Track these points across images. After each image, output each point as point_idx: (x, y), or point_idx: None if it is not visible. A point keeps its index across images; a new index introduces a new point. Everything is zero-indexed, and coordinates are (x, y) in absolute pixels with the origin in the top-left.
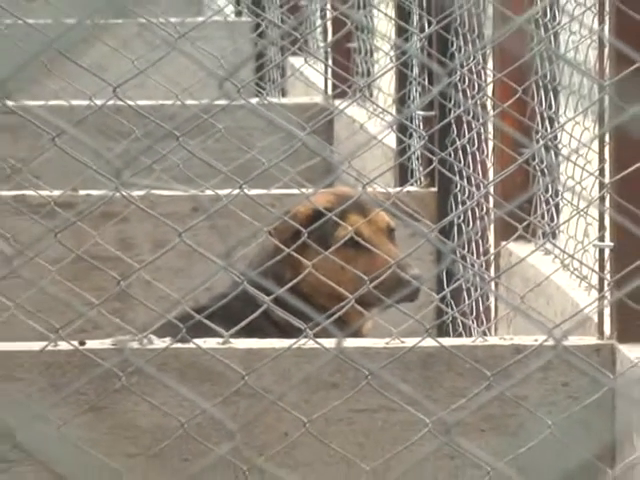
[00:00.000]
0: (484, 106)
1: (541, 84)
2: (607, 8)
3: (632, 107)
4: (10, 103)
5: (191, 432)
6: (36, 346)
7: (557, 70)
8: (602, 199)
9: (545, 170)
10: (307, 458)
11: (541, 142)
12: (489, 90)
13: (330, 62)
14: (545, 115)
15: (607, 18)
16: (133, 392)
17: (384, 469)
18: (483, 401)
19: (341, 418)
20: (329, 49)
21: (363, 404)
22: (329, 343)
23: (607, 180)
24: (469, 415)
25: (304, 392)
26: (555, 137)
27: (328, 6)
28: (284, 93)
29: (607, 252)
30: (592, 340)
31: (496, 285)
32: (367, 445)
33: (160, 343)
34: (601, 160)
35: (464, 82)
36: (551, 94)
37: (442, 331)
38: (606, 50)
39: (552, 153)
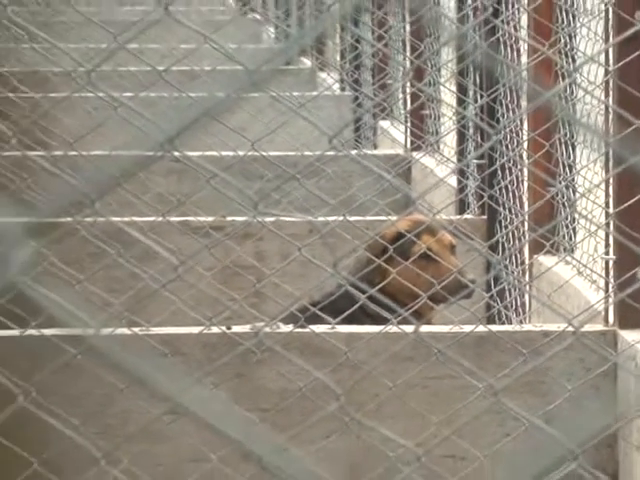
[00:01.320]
0: (521, 156)
1: (563, 140)
2: (611, 85)
3: (632, 158)
4: (177, 154)
5: (307, 394)
6: (195, 330)
7: (574, 130)
8: (607, 224)
9: (566, 203)
10: (392, 413)
11: (563, 183)
12: (525, 145)
13: (409, 124)
14: (566, 163)
15: (611, 92)
16: (265, 364)
17: (448, 421)
18: (520, 372)
19: (417, 383)
20: (408, 115)
21: (433, 373)
22: (408, 329)
23: (611, 210)
24: (511, 382)
25: (390, 364)
26: (573, 179)
27: (408, 84)
28: (375, 147)
29: (611, 263)
30: (600, 327)
31: (530, 287)
32: (436, 403)
33: (285, 328)
34: (607, 196)
35: (507, 139)
36: (570, 148)
37: (490, 320)
38: (610, 115)
39: (571, 191)
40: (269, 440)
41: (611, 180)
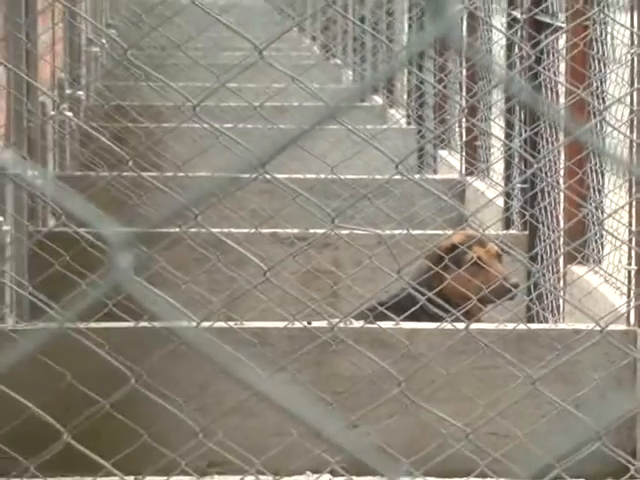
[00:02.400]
0: (558, 182)
1: (594, 169)
2: (635, 122)
3: None
4: (268, 176)
5: (374, 380)
6: (281, 324)
7: (603, 160)
8: (630, 240)
9: (595, 222)
10: (445, 397)
11: (593, 205)
12: (561, 172)
13: (464, 153)
14: (596, 188)
15: (635, 128)
16: (339, 354)
17: (492, 404)
18: (555, 364)
19: (467, 372)
20: (463, 145)
21: (481, 364)
22: (460, 326)
23: (633, 228)
24: (546, 372)
25: (445, 356)
26: (601, 201)
27: (463, 119)
28: (435, 172)
29: (633, 272)
30: (622, 327)
31: (563, 292)
32: (482, 389)
33: (356, 324)
34: (630, 216)
35: (546, 167)
36: (600, 175)
37: (529, 320)
38: (634, 148)
39: (600, 211)
40: (340, 420)
41: (634, 203)
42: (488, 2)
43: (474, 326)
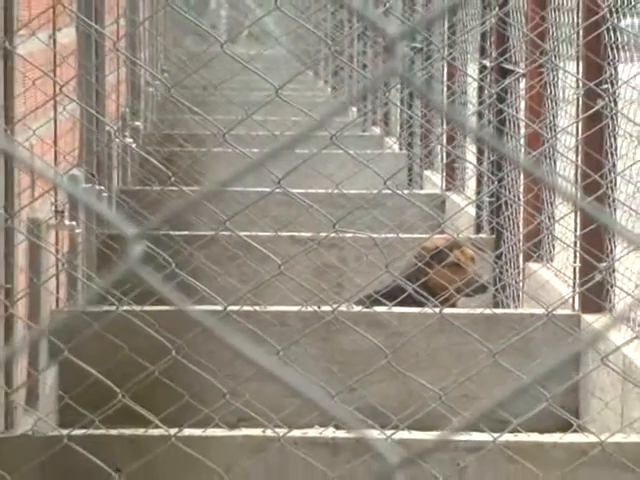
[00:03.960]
0: (518, 197)
1: (546, 187)
2: (580, 150)
3: (588, 199)
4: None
5: (369, 353)
6: (296, 308)
7: (552, 182)
8: (575, 243)
9: (548, 228)
10: (426, 366)
11: (545, 215)
12: (520, 189)
13: (444, 173)
14: (548, 201)
15: (580, 154)
16: (342, 332)
17: (464, 372)
18: (513, 341)
19: (444, 347)
20: (444, 167)
21: (455, 341)
22: (441, 311)
23: (578, 233)
24: (506, 347)
25: (427, 334)
26: (553, 212)
27: (444, 146)
28: (421, 188)
29: (577, 268)
30: (568, 311)
31: (522, 284)
32: (456, 361)
33: (356, 309)
34: (575, 223)
35: (510, 184)
36: (551, 192)
37: (495, 306)
38: (579, 169)
39: (551, 220)
40: (341, 384)
41: (578, 213)
42: (464, 53)
43: (450, 311)
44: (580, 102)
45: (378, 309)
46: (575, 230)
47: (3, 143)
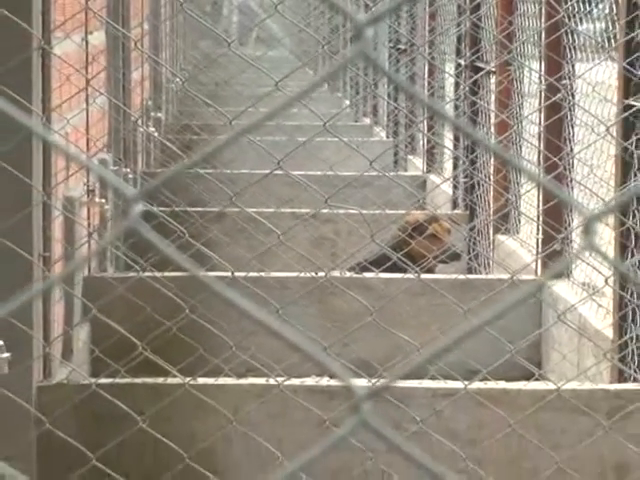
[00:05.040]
0: (489, 177)
1: (512, 170)
2: (542, 136)
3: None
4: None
5: (359, 312)
6: (295, 274)
7: (516, 165)
8: (538, 217)
9: (514, 204)
10: (409, 324)
11: (513, 192)
12: (491, 170)
13: (425, 157)
14: (514, 181)
15: (542, 140)
16: (335, 295)
17: (441, 329)
18: (484, 302)
19: (424, 308)
20: (425, 152)
21: (434, 302)
22: (420, 276)
23: (540, 208)
24: (477, 306)
25: (409, 296)
26: (519, 190)
27: (425, 134)
28: (405, 170)
29: (540, 240)
30: (532, 277)
31: (492, 253)
32: (434, 319)
33: (348, 274)
34: (538, 200)
35: (482, 167)
36: (517, 173)
37: (469, 271)
38: (541, 154)
39: (517, 196)
40: (335, 339)
41: (540, 190)
42: (442, 53)
43: (430, 276)
44: (542, 95)
45: (367, 275)
46: (538, 206)
47: (41, 130)
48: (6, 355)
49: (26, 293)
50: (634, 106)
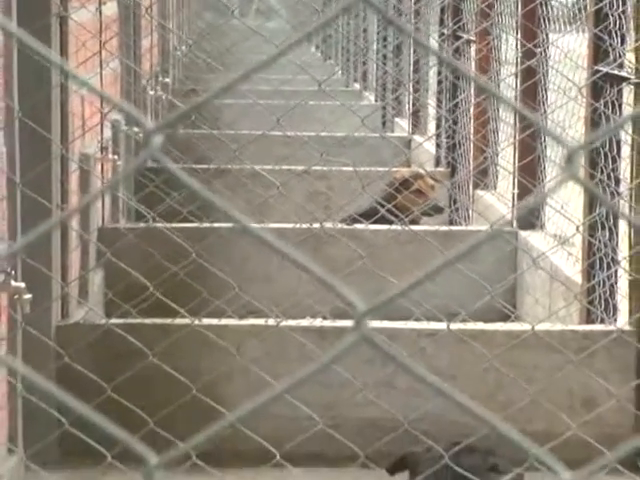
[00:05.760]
0: (469, 137)
1: (492, 129)
2: (518, 98)
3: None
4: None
5: (351, 258)
6: (291, 225)
7: (498, 123)
8: (513, 172)
9: (491, 162)
10: (396, 269)
11: (491, 150)
12: (472, 130)
13: (410, 119)
14: (493, 140)
15: (518, 101)
16: (328, 243)
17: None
18: (463, 250)
19: (410, 254)
20: (411, 114)
21: (419, 250)
22: (406, 227)
23: (516, 164)
24: (460, 255)
25: (396, 244)
26: (496, 147)
27: (411, 97)
28: (392, 131)
29: (516, 194)
30: (509, 228)
31: (472, 206)
32: (418, 264)
33: (340, 226)
34: (514, 156)
35: (463, 127)
36: (496, 132)
37: (450, 223)
38: (517, 114)
39: (495, 154)
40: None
41: (517, 146)
42: (427, 24)
43: (415, 227)
44: (518, 62)
45: (358, 226)
46: (514, 163)
47: (76, 80)
48: (28, 296)
49: (45, 223)
50: (602, 71)
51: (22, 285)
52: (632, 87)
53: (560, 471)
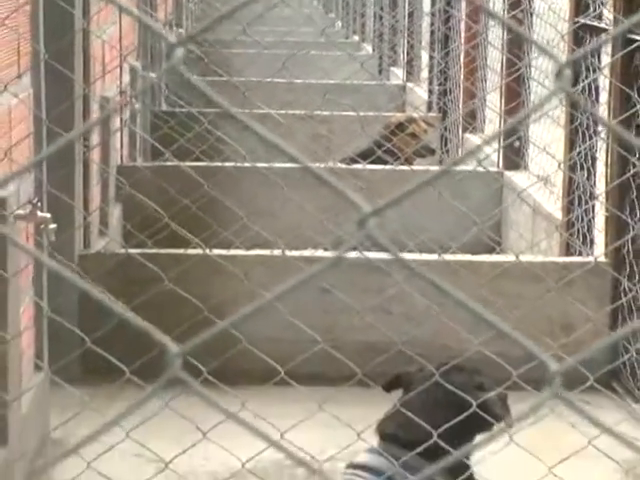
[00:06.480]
0: (459, 84)
1: (480, 77)
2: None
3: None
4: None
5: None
6: (291, 165)
7: (487, 68)
8: (500, 115)
9: (480, 106)
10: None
11: (480, 97)
12: (461, 77)
13: (405, 69)
14: (482, 87)
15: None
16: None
17: (418, 205)
18: (451, 183)
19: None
20: (405, 63)
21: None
22: (401, 167)
23: (502, 108)
24: (451, 191)
25: (392, 182)
26: (484, 92)
27: (406, 47)
28: (388, 79)
29: (501, 137)
30: (494, 169)
31: (462, 148)
32: (414, 199)
33: (341, 166)
34: (500, 102)
35: (454, 75)
36: (484, 81)
37: (441, 163)
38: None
39: (483, 99)
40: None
41: (504, 89)
42: None
43: (410, 167)
44: (505, 12)
45: (356, 166)
46: (500, 108)
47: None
48: (53, 226)
49: (65, 137)
50: (582, 22)
51: (48, 215)
52: (610, 37)
53: (549, 364)
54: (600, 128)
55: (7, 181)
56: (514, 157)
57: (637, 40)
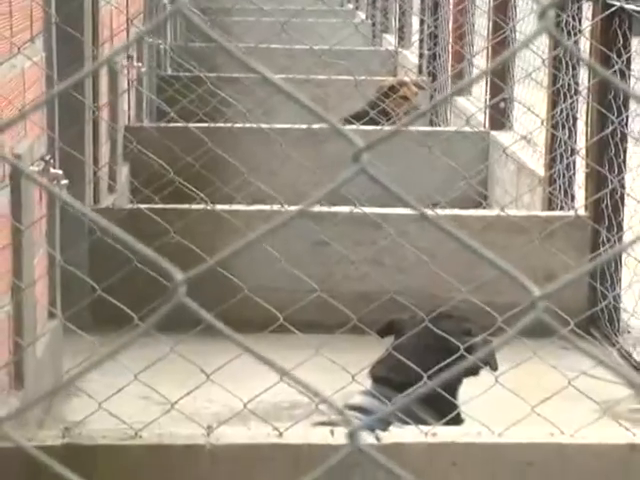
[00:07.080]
0: (447, 48)
1: (469, 42)
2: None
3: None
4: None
5: (345, 156)
6: (293, 126)
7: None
8: (485, 74)
9: (468, 67)
10: (389, 161)
11: (468, 60)
12: (450, 41)
13: (397, 35)
14: (470, 51)
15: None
16: (326, 142)
17: (410, 161)
18: (446, 146)
19: (396, 149)
20: (397, 35)
21: (403, 145)
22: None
23: (489, 65)
24: (437, 148)
25: (387, 143)
26: (472, 59)
27: (398, 18)
28: (381, 45)
29: (487, 100)
30: (481, 129)
31: (451, 111)
32: (405, 154)
33: (346, 129)
34: (486, 61)
35: (443, 40)
36: (472, 46)
37: (431, 124)
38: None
39: (471, 64)
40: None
41: (489, 55)
42: None
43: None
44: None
45: (351, 126)
46: (486, 72)
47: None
48: (65, 182)
49: (80, 72)
50: None
51: (60, 172)
52: (590, 3)
53: (532, 289)
54: (581, 88)
55: (21, 118)
56: (500, 117)
57: (614, 5)
